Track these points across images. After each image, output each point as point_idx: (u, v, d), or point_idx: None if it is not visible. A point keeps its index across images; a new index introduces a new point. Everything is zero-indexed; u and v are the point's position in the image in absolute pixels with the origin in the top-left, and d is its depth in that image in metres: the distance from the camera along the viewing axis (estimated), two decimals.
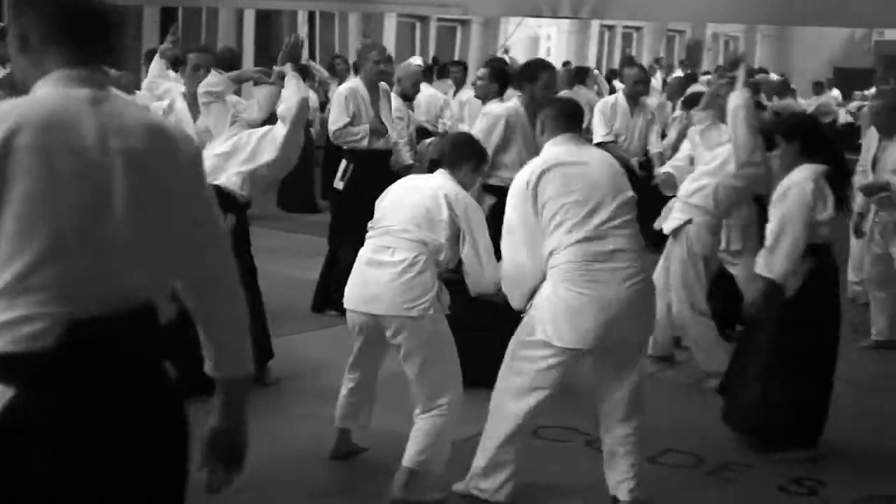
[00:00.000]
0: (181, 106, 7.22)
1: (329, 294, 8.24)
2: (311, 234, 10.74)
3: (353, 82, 8.67)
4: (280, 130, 6.43)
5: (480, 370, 5.45)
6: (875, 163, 8.57)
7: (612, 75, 21.61)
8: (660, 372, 7.40)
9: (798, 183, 5.73)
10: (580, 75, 17.12)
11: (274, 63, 6.85)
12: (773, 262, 5.70)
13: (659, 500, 5.30)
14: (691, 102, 9.29)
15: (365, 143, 8.35)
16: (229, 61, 9.07)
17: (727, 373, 6.24)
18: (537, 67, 7.37)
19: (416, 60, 13.19)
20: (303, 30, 19.97)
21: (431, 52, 22.44)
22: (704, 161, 7.22)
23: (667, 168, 8.07)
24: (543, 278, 4.89)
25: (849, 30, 29.24)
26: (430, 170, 5.56)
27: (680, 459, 5.89)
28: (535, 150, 5.54)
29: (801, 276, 5.73)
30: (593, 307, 4.78)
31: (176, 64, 9.14)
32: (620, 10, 12.74)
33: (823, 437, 6.33)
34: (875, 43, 32.12)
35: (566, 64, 22.11)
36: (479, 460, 5.10)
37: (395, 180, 8.50)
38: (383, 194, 5.34)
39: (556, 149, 5.04)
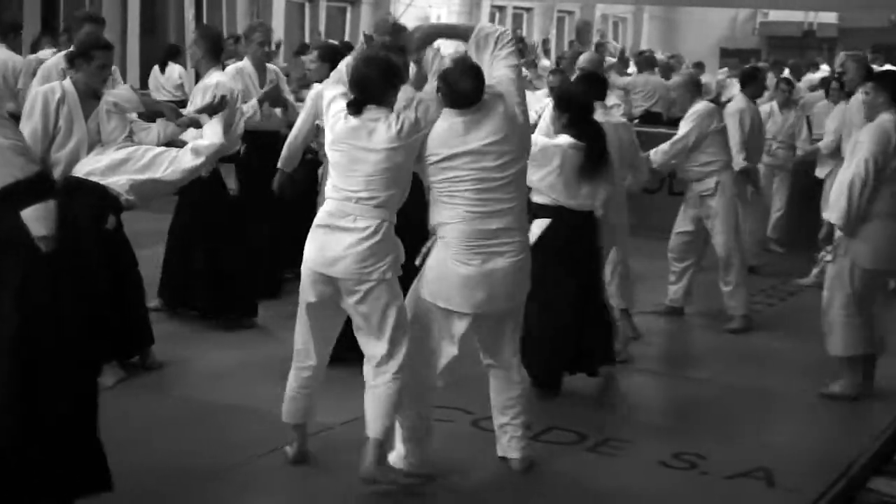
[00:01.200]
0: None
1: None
2: None
3: (241, 63, 8.61)
4: (188, 160, 6.62)
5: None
6: None
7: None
8: None
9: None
10: None
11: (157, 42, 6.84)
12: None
13: (543, 476, 5.38)
14: None
15: (258, 117, 8.28)
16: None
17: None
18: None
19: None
20: (189, 11, 19.68)
21: (322, 33, 22.28)
22: None
23: None
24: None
25: (733, 11, 29.76)
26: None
27: (562, 437, 5.97)
28: None
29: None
30: (480, 277, 5.03)
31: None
32: None
33: (703, 412, 6.49)
34: (760, 24, 32.73)
35: None
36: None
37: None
38: (332, 145, 5.11)
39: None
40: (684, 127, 8.41)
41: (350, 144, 4.97)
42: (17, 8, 16.51)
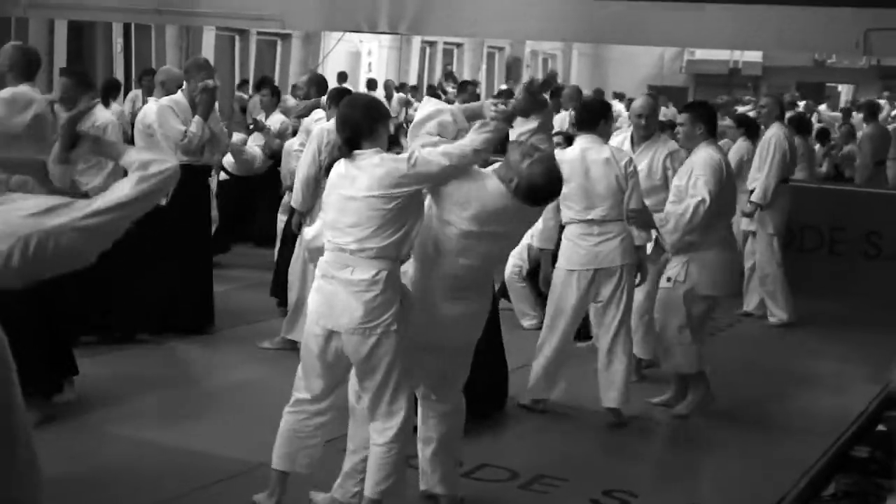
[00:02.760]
0: None
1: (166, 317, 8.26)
2: None
3: (176, 95, 8.45)
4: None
5: None
6: None
7: (431, 91, 21.71)
8: None
9: None
10: None
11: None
12: None
13: None
14: None
15: (207, 136, 8.25)
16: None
17: None
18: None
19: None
20: (118, 42, 19.51)
21: (251, 67, 22.20)
22: None
23: None
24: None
25: (661, 49, 30.14)
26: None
27: (494, 474, 5.92)
28: None
29: None
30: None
31: None
32: (437, 26, 12.88)
33: (638, 449, 6.49)
34: (687, 62, 33.20)
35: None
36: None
37: (208, 196, 8.50)
38: (328, 189, 5.02)
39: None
40: None
41: (338, 194, 4.89)
42: None
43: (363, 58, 26.05)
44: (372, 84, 22.94)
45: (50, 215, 3.06)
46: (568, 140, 7.90)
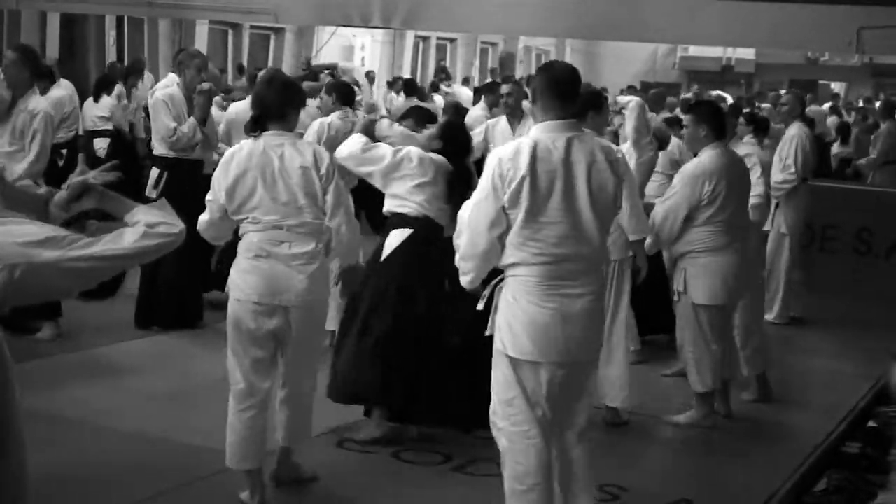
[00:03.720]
0: None
1: (153, 310, 8.26)
2: None
3: (171, 89, 8.48)
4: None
5: None
6: None
7: (433, 87, 21.75)
8: None
9: None
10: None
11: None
12: None
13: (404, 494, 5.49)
14: None
15: (198, 136, 8.26)
16: None
17: None
18: None
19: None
20: (110, 35, 19.46)
21: (245, 61, 22.16)
22: None
23: None
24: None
25: (654, 45, 30.15)
26: None
27: (487, 469, 5.90)
28: None
29: None
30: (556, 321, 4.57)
31: None
32: (431, 21, 12.87)
33: (630, 444, 6.49)
34: (680, 59, 33.20)
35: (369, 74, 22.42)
36: None
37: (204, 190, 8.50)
38: (234, 177, 5.15)
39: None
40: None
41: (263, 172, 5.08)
42: None
43: (356, 52, 26.02)
44: (370, 76, 23.00)
45: (44, 247, 2.97)
46: None
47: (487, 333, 4.70)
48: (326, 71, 15.95)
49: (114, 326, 8.19)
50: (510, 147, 4.58)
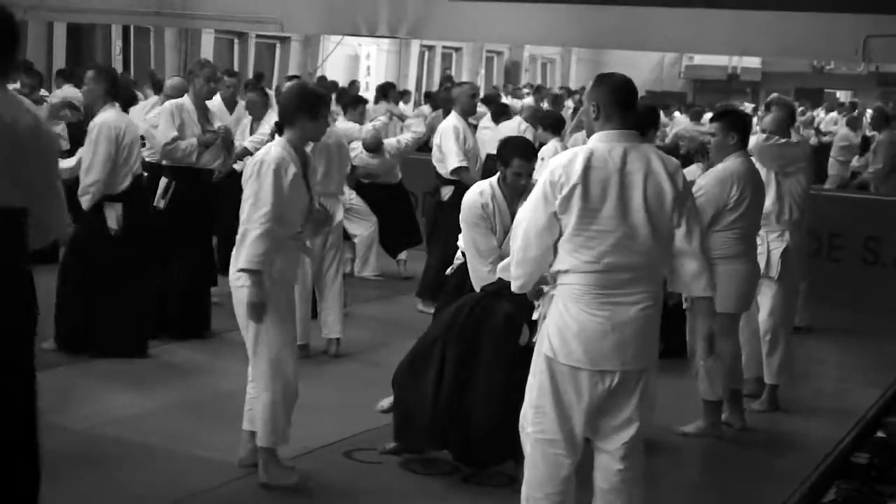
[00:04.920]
0: None
1: (160, 319, 8.26)
2: None
3: (181, 99, 8.50)
4: None
5: None
6: None
7: (426, 97, 21.74)
8: None
9: None
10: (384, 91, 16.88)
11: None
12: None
13: None
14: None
15: (193, 157, 8.26)
16: None
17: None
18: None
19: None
20: (117, 44, 19.52)
21: (250, 70, 22.20)
22: None
23: None
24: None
25: (660, 54, 30.17)
26: None
27: (489, 478, 5.89)
28: None
29: None
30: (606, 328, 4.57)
31: None
32: (437, 30, 12.87)
33: None
34: (686, 67, 33.23)
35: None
36: None
37: (215, 199, 8.50)
38: None
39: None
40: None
41: None
42: None
43: (362, 61, 26.07)
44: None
45: None
46: None
47: (534, 340, 4.74)
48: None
49: None
50: (566, 155, 4.61)
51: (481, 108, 14.11)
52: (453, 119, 9.83)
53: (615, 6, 10.37)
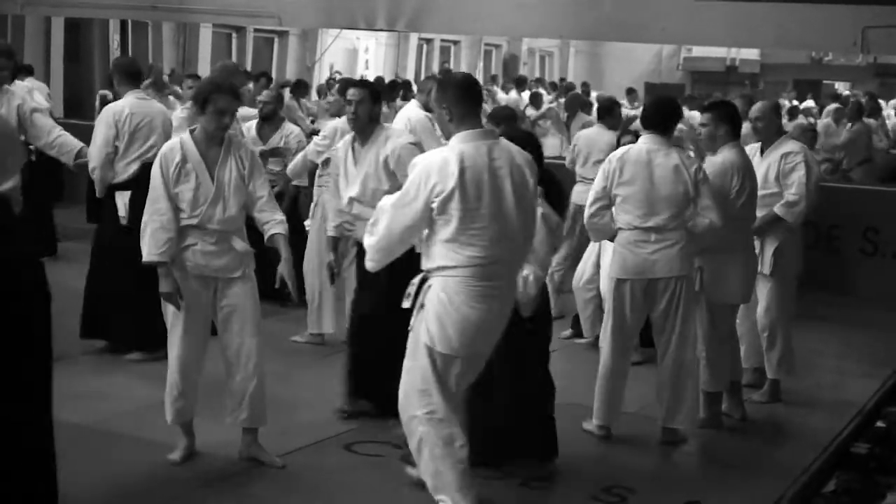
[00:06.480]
0: None
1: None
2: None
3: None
4: None
5: None
6: None
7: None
8: None
9: None
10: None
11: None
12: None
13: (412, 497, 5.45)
14: None
15: None
16: None
17: None
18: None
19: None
20: (115, 39, 19.49)
21: (249, 64, 22.18)
22: None
23: None
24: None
25: (658, 46, 30.13)
26: None
27: (494, 472, 5.90)
28: None
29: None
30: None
31: None
32: (436, 23, 12.89)
33: (637, 446, 6.49)
34: (684, 59, 33.16)
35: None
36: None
37: None
38: None
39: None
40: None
41: None
42: None
43: (360, 55, 26.03)
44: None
45: None
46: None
47: (410, 328, 5.07)
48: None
49: None
50: (436, 158, 4.90)
51: None
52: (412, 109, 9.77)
53: None
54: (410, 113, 9.55)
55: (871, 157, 15.51)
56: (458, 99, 4.95)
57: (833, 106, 19.56)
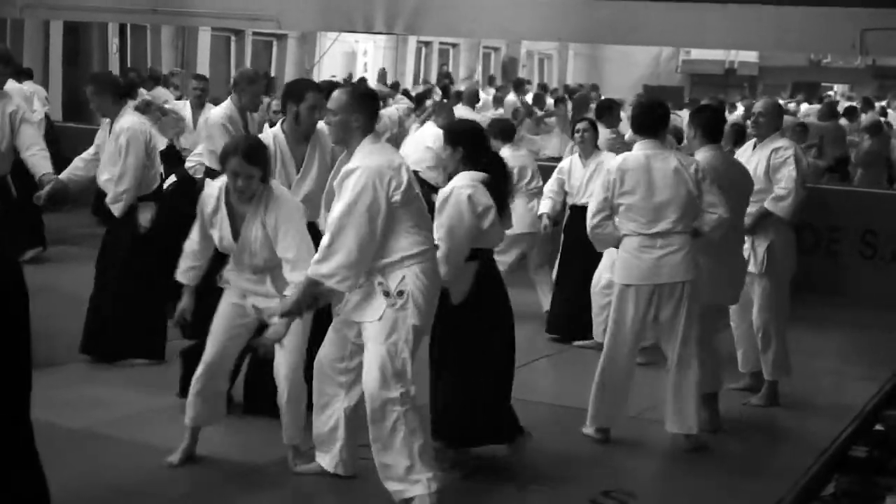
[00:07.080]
0: None
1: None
2: None
3: (228, 109, 8.18)
4: None
5: None
6: None
7: (425, 95, 21.68)
8: None
9: (458, 189, 5.74)
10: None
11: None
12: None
13: None
14: None
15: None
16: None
17: None
18: (304, 88, 6.86)
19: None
20: (114, 43, 19.49)
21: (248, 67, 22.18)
22: None
23: None
24: None
25: (657, 49, 30.14)
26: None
27: (493, 475, 5.90)
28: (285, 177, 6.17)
29: (469, 279, 5.77)
30: None
31: None
32: (434, 26, 12.90)
33: (637, 449, 6.48)
34: (682, 62, 33.18)
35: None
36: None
37: None
38: None
39: None
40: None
41: None
42: None
43: (359, 58, 26.03)
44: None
45: None
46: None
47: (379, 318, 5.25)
48: None
49: None
50: (383, 162, 5.23)
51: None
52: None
53: (611, 1, 10.38)
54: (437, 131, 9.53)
55: (847, 154, 15.74)
56: (361, 111, 5.32)
57: (816, 106, 19.87)
